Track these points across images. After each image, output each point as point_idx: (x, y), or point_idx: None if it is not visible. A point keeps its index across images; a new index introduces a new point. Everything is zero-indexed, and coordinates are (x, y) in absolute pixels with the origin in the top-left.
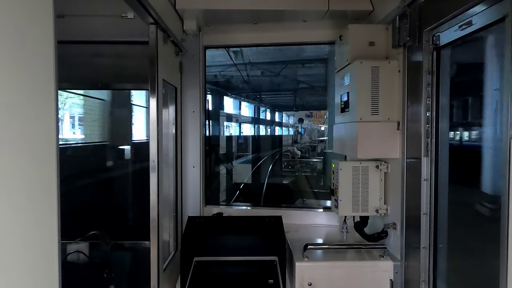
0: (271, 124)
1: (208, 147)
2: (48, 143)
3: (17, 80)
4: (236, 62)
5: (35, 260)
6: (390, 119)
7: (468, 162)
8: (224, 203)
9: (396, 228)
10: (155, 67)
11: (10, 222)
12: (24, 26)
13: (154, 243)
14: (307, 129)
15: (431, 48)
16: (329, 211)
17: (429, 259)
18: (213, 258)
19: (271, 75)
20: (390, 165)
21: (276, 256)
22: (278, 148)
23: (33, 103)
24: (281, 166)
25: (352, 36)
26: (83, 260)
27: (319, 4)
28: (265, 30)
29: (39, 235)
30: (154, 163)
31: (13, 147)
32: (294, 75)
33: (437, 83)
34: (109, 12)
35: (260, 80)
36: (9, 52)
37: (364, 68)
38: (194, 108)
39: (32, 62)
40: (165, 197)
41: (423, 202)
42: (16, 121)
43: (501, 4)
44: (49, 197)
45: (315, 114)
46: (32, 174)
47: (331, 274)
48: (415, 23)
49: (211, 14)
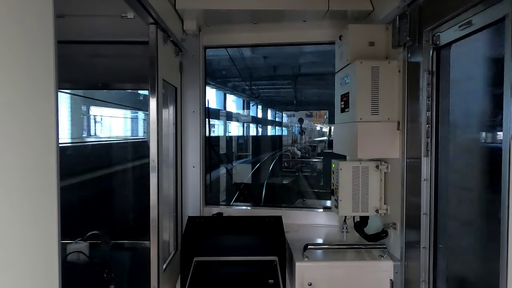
0: (271, 124)
1: (208, 147)
2: (48, 143)
3: (17, 80)
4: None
5: (35, 260)
6: (390, 119)
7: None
8: (224, 203)
9: (396, 228)
10: (155, 67)
11: (10, 222)
12: (24, 26)
13: (154, 243)
14: (307, 129)
15: (431, 48)
16: (329, 211)
17: (429, 259)
18: (213, 258)
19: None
20: (390, 165)
21: (276, 256)
22: (279, 149)
23: (33, 103)
24: (281, 167)
25: (352, 36)
26: (83, 260)
27: (319, 4)
28: (265, 30)
29: (39, 235)
30: (154, 163)
31: (13, 147)
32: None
33: (437, 83)
34: (109, 12)
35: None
36: (9, 52)
37: (364, 68)
38: (194, 108)
39: (32, 62)
40: (165, 197)
41: (423, 202)
42: (16, 121)
43: (501, 4)
44: (49, 197)
45: (315, 114)
46: (32, 174)
47: (331, 274)
48: (415, 23)
49: (211, 14)
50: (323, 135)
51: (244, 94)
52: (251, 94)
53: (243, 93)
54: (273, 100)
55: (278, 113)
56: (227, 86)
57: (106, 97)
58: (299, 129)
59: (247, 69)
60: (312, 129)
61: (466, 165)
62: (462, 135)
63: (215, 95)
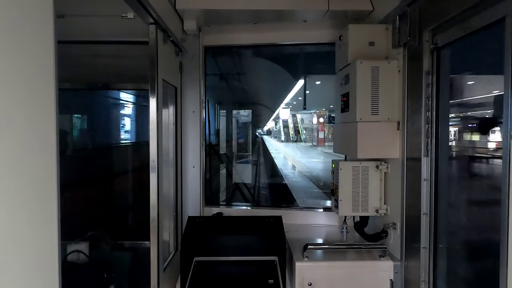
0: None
1: (208, 147)
2: (48, 143)
3: (17, 80)
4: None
5: (35, 260)
6: (390, 119)
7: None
8: (224, 203)
9: (396, 228)
10: (155, 67)
11: (10, 222)
12: (24, 26)
13: (154, 243)
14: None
15: (431, 48)
16: (329, 211)
17: (429, 259)
18: (213, 258)
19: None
20: (390, 165)
21: (276, 256)
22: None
23: (33, 103)
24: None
25: (352, 36)
26: (83, 260)
27: (319, 4)
28: (265, 30)
29: (39, 235)
30: (154, 163)
31: (13, 147)
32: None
33: (437, 83)
34: (109, 12)
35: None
36: (9, 52)
37: (364, 68)
38: (194, 108)
39: (32, 62)
40: (165, 197)
41: (423, 202)
42: (16, 121)
43: (501, 4)
44: (49, 197)
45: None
46: (32, 174)
47: (331, 274)
48: (415, 23)
49: (211, 14)
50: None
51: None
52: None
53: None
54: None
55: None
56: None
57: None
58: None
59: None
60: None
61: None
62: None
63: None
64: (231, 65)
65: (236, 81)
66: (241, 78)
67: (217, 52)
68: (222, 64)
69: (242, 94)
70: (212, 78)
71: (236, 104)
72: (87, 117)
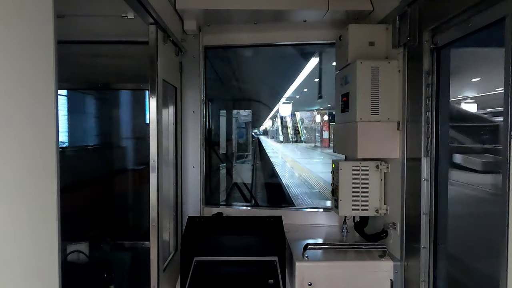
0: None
1: (208, 146)
2: (48, 143)
3: (17, 80)
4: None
5: (35, 260)
6: (390, 119)
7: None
8: (224, 203)
9: (396, 228)
10: (155, 67)
11: (10, 222)
12: (24, 26)
13: (154, 243)
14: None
15: (431, 48)
16: (329, 211)
17: (429, 259)
18: (213, 258)
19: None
20: (390, 165)
21: (276, 256)
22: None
23: (33, 103)
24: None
25: (352, 36)
26: (83, 260)
27: (319, 4)
28: (265, 30)
29: (39, 235)
30: (154, 163)
31: (13, 147)
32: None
33: (437, 83)
34: (109, 12)
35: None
36: (9, 52)
37: (364, 68)
38: (194, 108)
39: (32, 62)
40: (165, 197)
41: (423, 202)
42: (16, 121)
43: (501, 4)
44: (49, 197)
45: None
46: (32, 174)
47: (331, 274)
48: (415, 23)
49: (211, 14)
50: None
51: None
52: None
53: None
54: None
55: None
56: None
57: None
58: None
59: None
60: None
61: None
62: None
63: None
64: (225, 59)
65: (231, 74)
66: (236, 71)
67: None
68: (214, 59)
69: (237, 92)
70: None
71: (230, 102)
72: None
